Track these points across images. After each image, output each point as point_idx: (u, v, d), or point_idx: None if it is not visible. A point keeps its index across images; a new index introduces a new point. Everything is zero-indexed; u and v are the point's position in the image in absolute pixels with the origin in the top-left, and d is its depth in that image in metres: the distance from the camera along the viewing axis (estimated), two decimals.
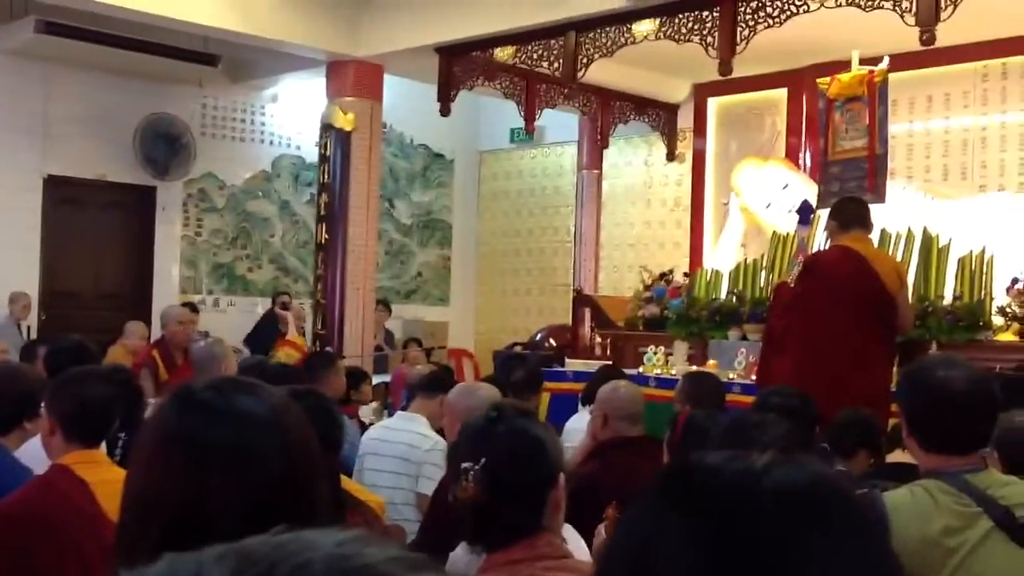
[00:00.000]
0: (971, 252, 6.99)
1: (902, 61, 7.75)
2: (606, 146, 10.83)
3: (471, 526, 2.09)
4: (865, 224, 5.53)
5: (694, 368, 6.76)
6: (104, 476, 2.76)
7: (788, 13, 7.23)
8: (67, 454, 2.82)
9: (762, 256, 8.21)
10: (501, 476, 2.07)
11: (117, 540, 1.35)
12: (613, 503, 3.28)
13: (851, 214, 5.54)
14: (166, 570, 0.64)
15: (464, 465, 2.06)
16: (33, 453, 3.36)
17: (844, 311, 5.25)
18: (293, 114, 11.89)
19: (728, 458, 0.87)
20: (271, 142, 11.95)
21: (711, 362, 7.21)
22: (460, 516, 2.11)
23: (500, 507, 2.05)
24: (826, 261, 5.53)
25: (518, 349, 10.33)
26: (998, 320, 6.89)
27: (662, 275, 9.01)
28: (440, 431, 4.72)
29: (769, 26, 7.32)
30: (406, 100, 11.42)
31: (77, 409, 2.85)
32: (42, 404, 3.44)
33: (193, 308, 9.87)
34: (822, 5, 7.04)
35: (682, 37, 7.79)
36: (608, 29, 8.26)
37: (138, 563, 0.66)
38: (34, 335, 9.61)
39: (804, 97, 9.34)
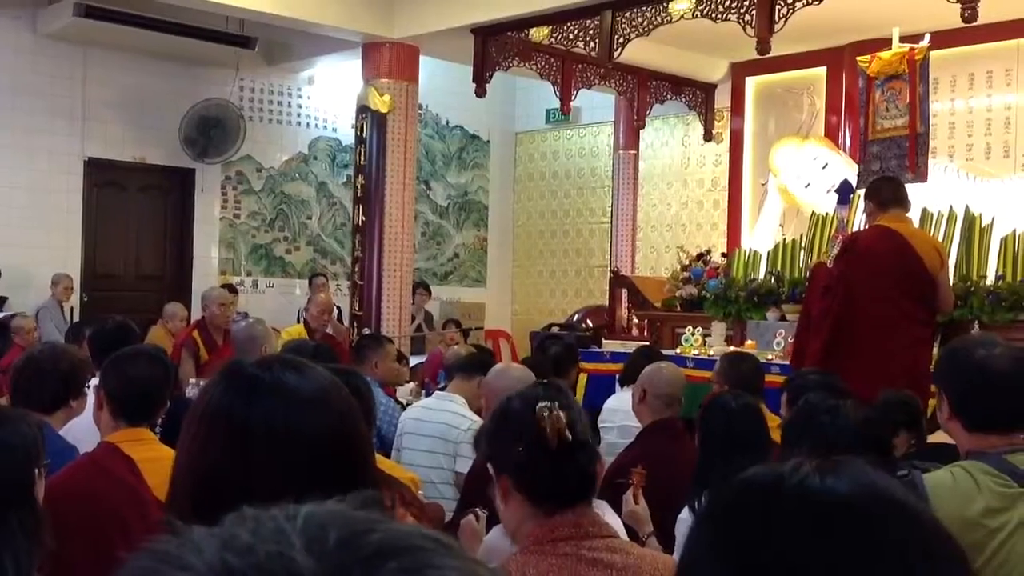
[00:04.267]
0: (1014, 231, 6.90)
1: (943, 38, 7.65)
2: (643, 126, 10.77)
3: (547, 473, 2.01)
4: (903, 203, 5.47)
5: (732, 349, 6.74)
6: (150, 454, 2.81)
7: None
8: (115, 432, 2.87)
9: (801, 236, 8.15)
10: (574, 418, 2.05)
11: (167, 513, 1.36)
12: (640, 466, 3.31)
13: (889, 193, 5.48)
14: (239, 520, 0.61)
15: (543, 403, 2.01)
16: (79, 431, 3.42)
17: (884, 291, 5.20)
18: (329, 96, 11.92)
19: (766, 468, 0.86)
20: (308, 124, 11.99)
21: (749, 342, 7.18)
22: (522, 468, 2.05)
23: (575, 451, 2.03)
24: (866, 241, 5.46)
25: (555, 330, 10.33)
26: None
27: (699, 255, 8.96)
28: (478, 412, 4.74)
29: (808, 3, 7.23)
30: (442, 81, 11.42)
31: (123, 388, 2.90)
32: (87, 383, 3.50)
33: (232, 289, 9.94)
34: None
35: (719, 15, 7.72)
36: (644, 8, 8.20)
37: None
38: (76, 316, 9.73)
39: (844, 75, 9.24)
